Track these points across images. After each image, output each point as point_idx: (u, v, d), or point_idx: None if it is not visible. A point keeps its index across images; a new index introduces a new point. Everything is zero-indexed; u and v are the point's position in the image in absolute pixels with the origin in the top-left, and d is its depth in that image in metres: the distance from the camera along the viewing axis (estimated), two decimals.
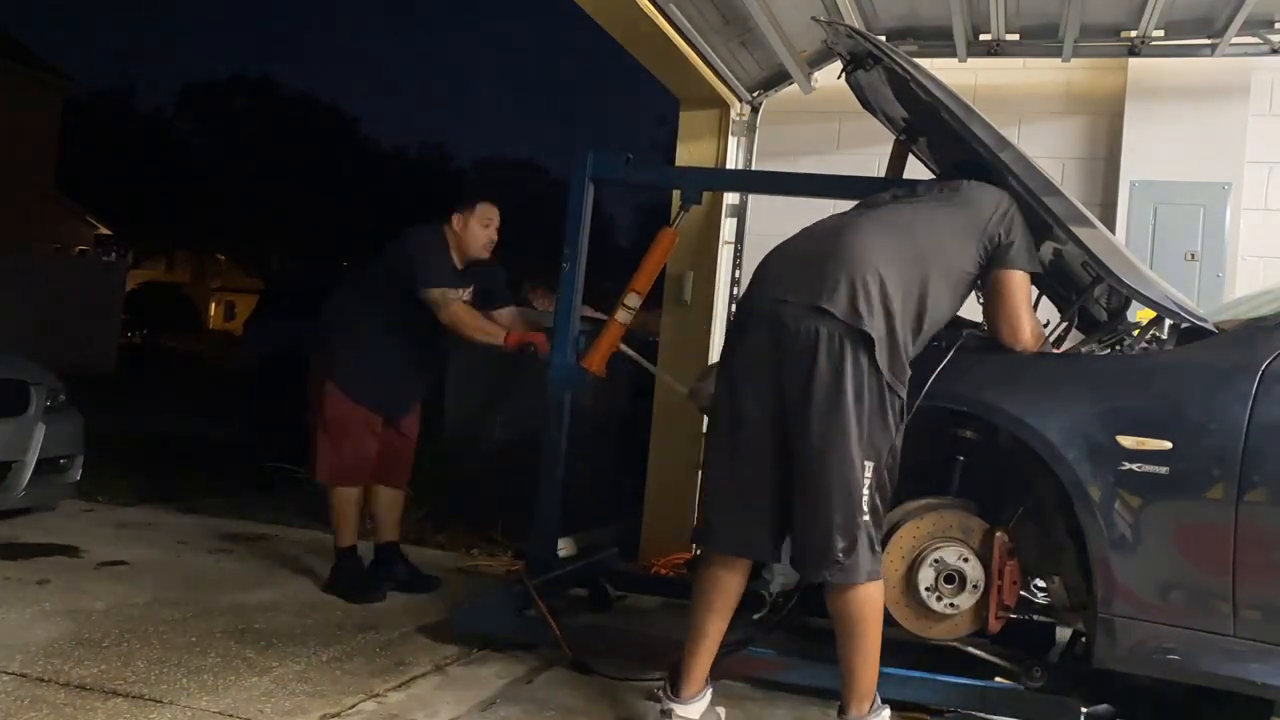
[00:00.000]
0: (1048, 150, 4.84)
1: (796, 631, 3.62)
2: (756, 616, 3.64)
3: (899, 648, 2.98)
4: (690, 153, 5.53)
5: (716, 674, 2.87)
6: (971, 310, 3.02)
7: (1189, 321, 2.87)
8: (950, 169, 3.36)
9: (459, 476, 5.86)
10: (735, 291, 5.34)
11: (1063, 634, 3.46)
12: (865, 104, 3.79)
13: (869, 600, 2.62)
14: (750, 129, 5.50)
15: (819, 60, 5.24)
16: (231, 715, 2.76)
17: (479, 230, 4.24)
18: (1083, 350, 3.19)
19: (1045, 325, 3.49)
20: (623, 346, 3.98)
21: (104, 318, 17.86)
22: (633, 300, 3.90)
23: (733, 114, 5.49)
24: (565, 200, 3.92)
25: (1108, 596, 2.68)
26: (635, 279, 3.94)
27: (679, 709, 2.75)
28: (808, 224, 2.95)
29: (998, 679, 3.12)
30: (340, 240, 31.67)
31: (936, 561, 2.88)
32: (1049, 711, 2.94)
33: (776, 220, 5.51)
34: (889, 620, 2.95)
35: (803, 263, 2.74)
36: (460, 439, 5.98)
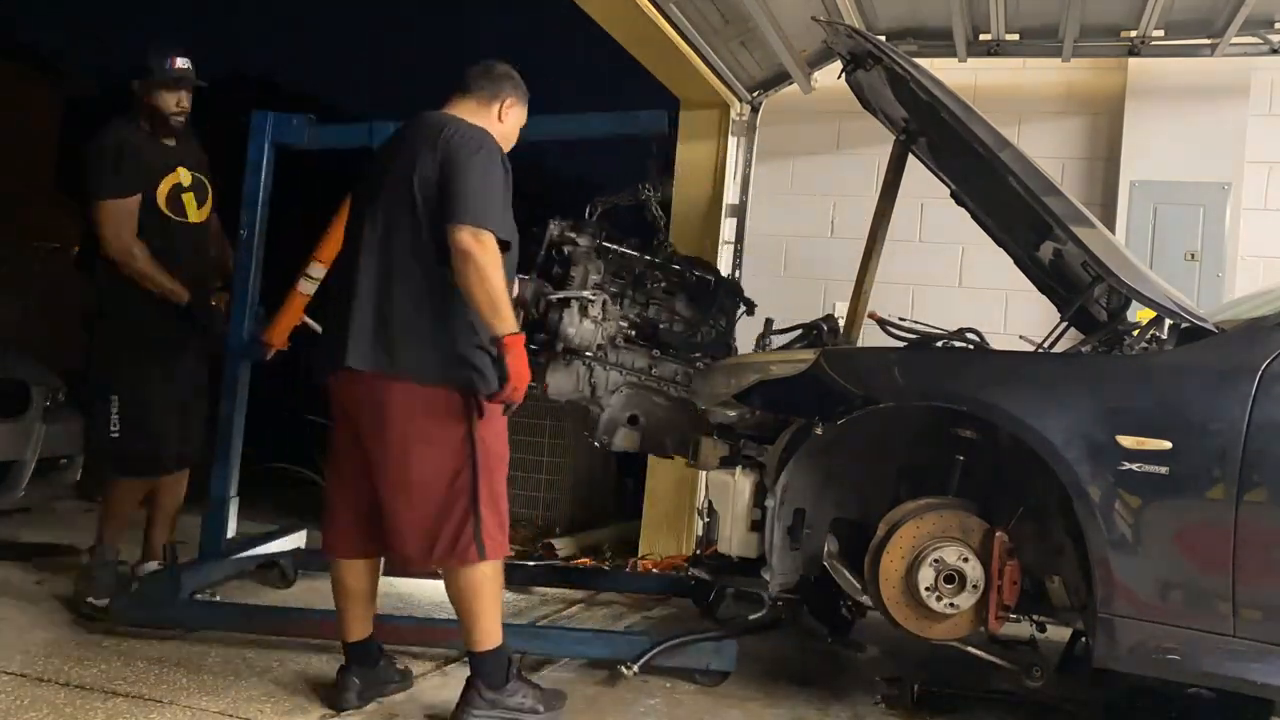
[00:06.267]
0: (1048, 150, 4.84)
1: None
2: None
3: None
4: (691, 152, 5.52)
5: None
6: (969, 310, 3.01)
7: (1189, 321, 2.86)
8: None
9: None
10: None
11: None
12: (865, 104, 3.79)
13: None
14: (750, 129, 5.50)
15: (819, 60, 5.24)
16: (231, 715, 2.75)
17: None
18: (1083, 350, 3.19)
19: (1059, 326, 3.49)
20: (306, 318, 3.89)
21: None
22: (316, 270, 3.80)
23: (733, 114, 5.49)
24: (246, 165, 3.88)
25: (1108, 596, 2.67)
26: (319, 248, 3.84)
27: None
28: (809, 222, 2.95)
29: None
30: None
31: (936, 561, 2.87)
32: (705, 655, 3.21)
33: (777, 220, 5.56)
34: (888, 620, 2.96)
35: None
36: None
